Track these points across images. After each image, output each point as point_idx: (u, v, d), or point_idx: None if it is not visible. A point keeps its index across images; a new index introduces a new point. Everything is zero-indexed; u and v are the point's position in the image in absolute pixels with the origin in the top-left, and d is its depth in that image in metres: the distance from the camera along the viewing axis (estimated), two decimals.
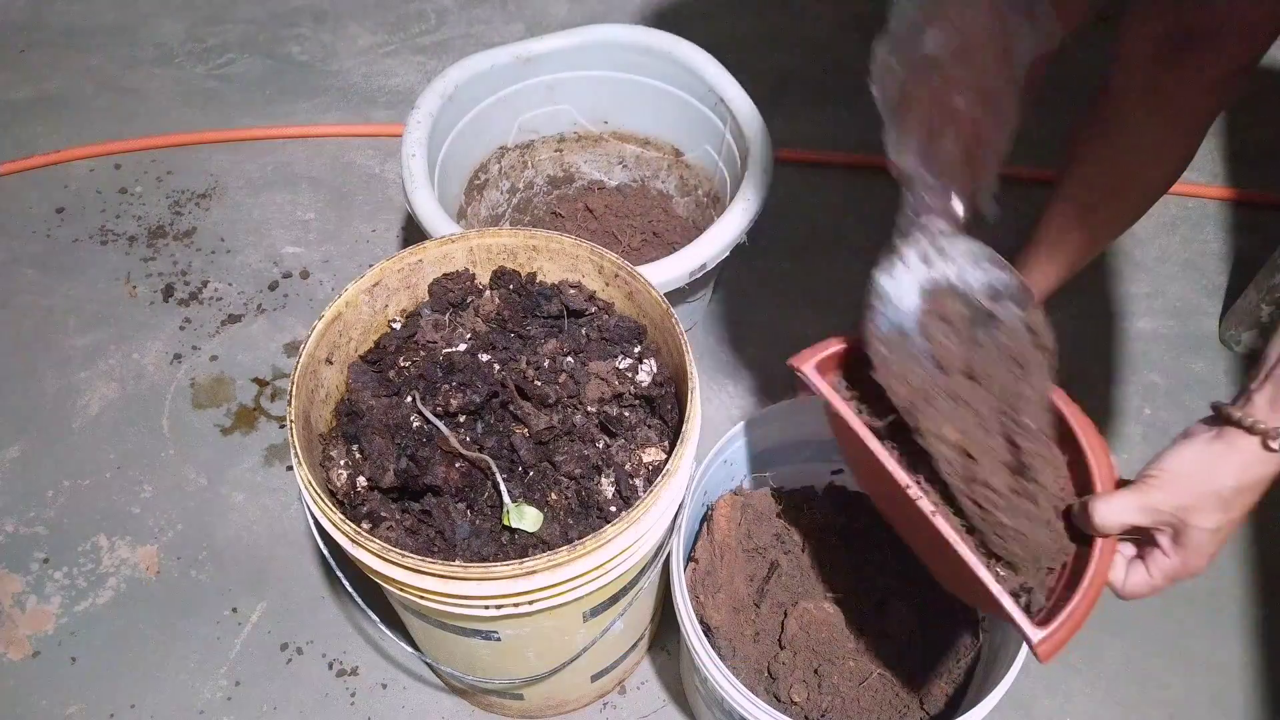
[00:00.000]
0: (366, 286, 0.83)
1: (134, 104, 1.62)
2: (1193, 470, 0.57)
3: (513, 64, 1.18)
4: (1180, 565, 0.59)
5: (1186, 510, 0.57)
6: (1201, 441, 0.58)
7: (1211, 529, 0.57)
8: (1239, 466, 0.56)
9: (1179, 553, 0.59)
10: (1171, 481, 0.58)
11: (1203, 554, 0.58)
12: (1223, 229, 1.47)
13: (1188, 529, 0.58)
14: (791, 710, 0.85)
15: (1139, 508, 0.59)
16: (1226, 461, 0.56)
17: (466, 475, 0.78)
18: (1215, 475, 0.57)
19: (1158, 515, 0.59)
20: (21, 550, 1.13)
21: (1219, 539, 0.58)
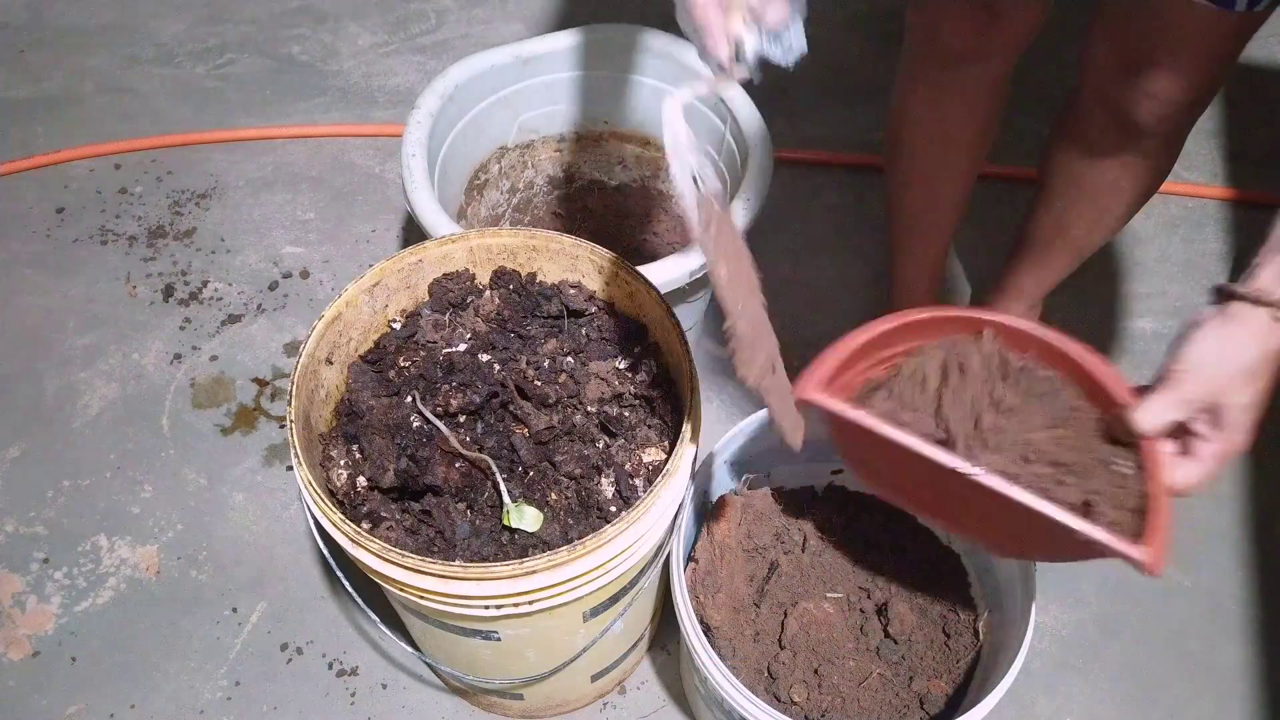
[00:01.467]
0: (366, 286, 0.83)
1: (134, 104, 1.62)
2: (1214, 356, 0.59)
3: (513, 64, 1.18)
4: (1226, 445, 0.61)
5: (1219, 393, 0.59)
6: (1214, 326, 0.59)
7: (1246, 404, 0.59)
8: (1256, 340, 0.58)
9: (1221, 435, 0.60)
10: (1197, 371, 0.59)
11: (1243, 429, 0.60)
12: (1223, 229, 1.47)
13: (1224, 409, 0.59)
14: (791, 710, 0.85)
15: (1175, 403, 0.60)
16: (1242, 339, 0.58)
17: (466, 475, 0.78)
18: (1237, 354, 0.58)
19: (1194, 405, 0.60)
20: (21, 550, 1.13)
21: (1254, 411, 0.59)
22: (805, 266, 1.39)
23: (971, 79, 0.96)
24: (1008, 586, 0.85)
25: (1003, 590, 0.87)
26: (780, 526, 0.95)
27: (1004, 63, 0.95)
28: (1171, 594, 1.11)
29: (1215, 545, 1.14)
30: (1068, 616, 1.09)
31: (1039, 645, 1.07)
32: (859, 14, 1.77)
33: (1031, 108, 1.45)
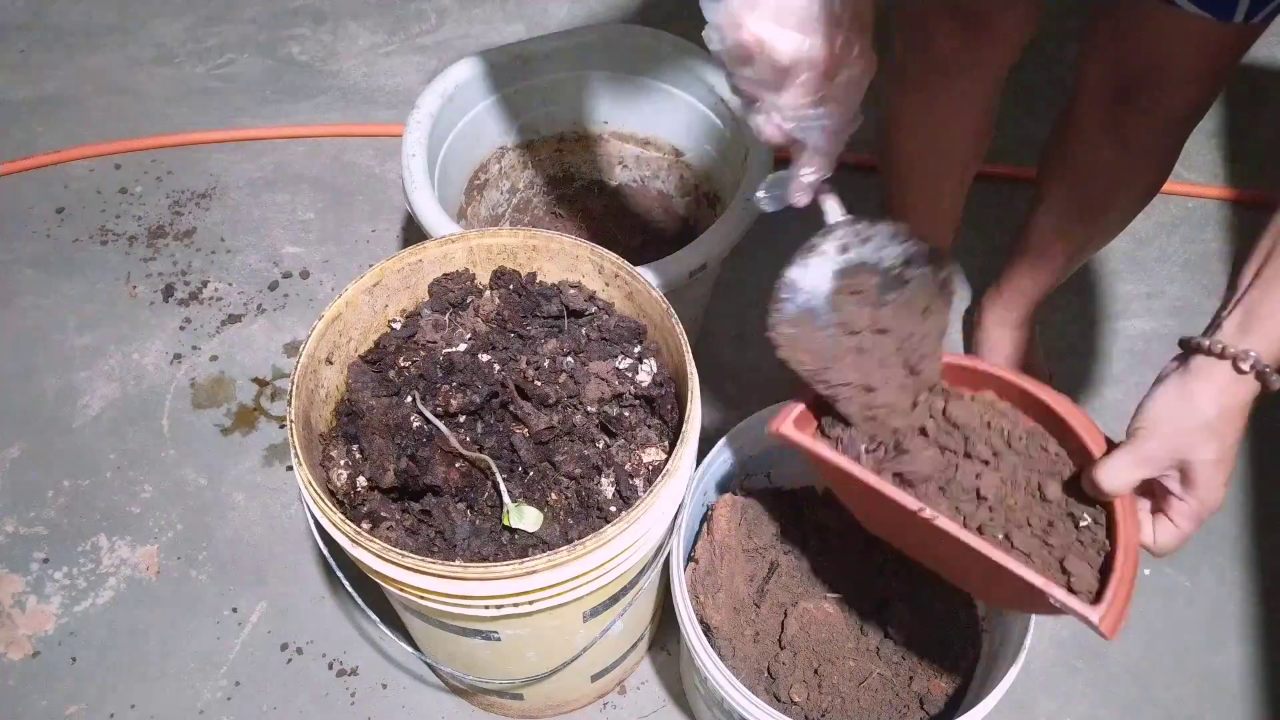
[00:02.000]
0: (366, 286, 0.83)
1: (134, 104, 1.62)
2: (1174, 410, 0.57)
3: (513, 64, 1.18)
4: (1199, 505, 0.59)
5: (1182, 450, 0.57)
6: (1175, 380, 0.58)
7: (1213, 460, 0.57)
8: (1216, 393, 0.56)
9: (1192, 493, 0.59)
10: (1157, 427, 0.58)
11: (1214, 487, 0.58)
12: (1223, 229, 1.47)
13: (1190, 467, 0.57)
14: (791, 710, 0.85)
15: (1136, 462, 0.59)
16: (1203, 392, 0.56)
17: (466, 475, 0.78)
18: (1196, 409, 0.56)
19: (1158, 464, 0.59)
20: (21, 550, 1.13)
21: (1224, 468, 0.58)
22: None
23: (961, 91, 0.96)
24: None
25: None
26: (780, 526, 0.95)
27: (995, 72, 0.95)
28: (1171, 594, 1.11)
29: (1215, 545, 1.14)
30: (1068, 616, 1.09)
31: (1039, 645, 1.07)
32: None
33: (1031, 108, 1.45)
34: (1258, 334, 0.55)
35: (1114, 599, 0.59)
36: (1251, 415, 0.58)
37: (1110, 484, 0.60)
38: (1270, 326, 0.54)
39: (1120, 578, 0.60)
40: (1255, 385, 0.56)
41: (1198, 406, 0.57)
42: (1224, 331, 0.56)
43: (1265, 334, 0.54)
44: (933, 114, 0.99)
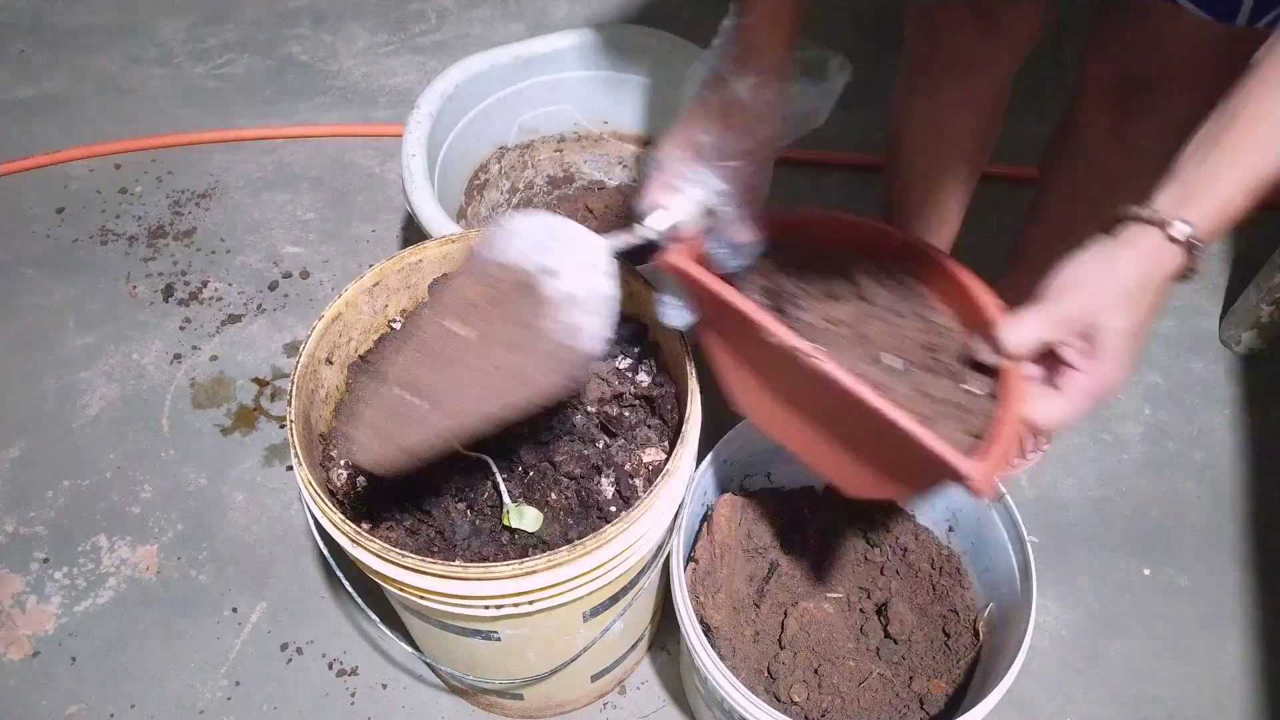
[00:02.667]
0: (366, 286, 0.83)
1: (134, 104, 1.62)
2: (1093, 273, 0.55)
3: (513, 64, 1.18)
4: (1098, 377, 0.56)
5: (1093, 314, 0.54)
6: (1099, 245, 0.56)
7: (1122, 329, 0.54)
8: (1141, 260, 0.54)
9: (1093, 364, 0.55)
10: (1073, 288, 0.55)
11: (1118, 361, 0.55)
12: None
13: (1098, 333, 0.54)
14: (791, 710, 0.85)
15: (1045, 321, 0.56)
16: (1127, 257, 0.54)
17: (466, 475, 0.78)
18: (1117, 272, 0.54)
19: (1066, 325, 0.55)
20: (21, 550, 1.13)
21: (1131, 342, 0.55)
22: None
23: (971, 90, 0.96)
24: (1007, 586, 0.86)
25: (1002, 590, 0.87)
26: (780, 526, 0.96)
27: (1004, 73, 0.95)
28: (1171, 594, 1.11)
29: (1215, 545, 1.14)
30: (1068, 616, 1.09)
31: (1039, 645, 1.07)
32: (859, 14, 1.77)
33: (1031, 108, 1.45)
34: (1193, 206, 0.53)
35: (987, 454, 0.55)
36: (1251, 415, 0.58)
37: (1014, 342, 0.57)
38: (1206, 200, 0.52)
39: (998, 437, 0.56)
40: (1180, 259, 0.54)
41: (1119, 271, 0.54)
42: (1158, 202, 0.54)
43: (1201, 207, 0.53)
44: (941, 114, 0.99)
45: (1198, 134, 0.54)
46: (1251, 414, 1.25)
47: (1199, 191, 0.53)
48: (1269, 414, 1.25)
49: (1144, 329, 0.55)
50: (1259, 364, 1.30)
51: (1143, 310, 0.54)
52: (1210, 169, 0.53)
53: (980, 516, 0.89)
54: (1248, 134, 0.51)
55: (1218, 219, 0.53)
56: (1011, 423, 0.57)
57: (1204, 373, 1.30)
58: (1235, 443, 1.23)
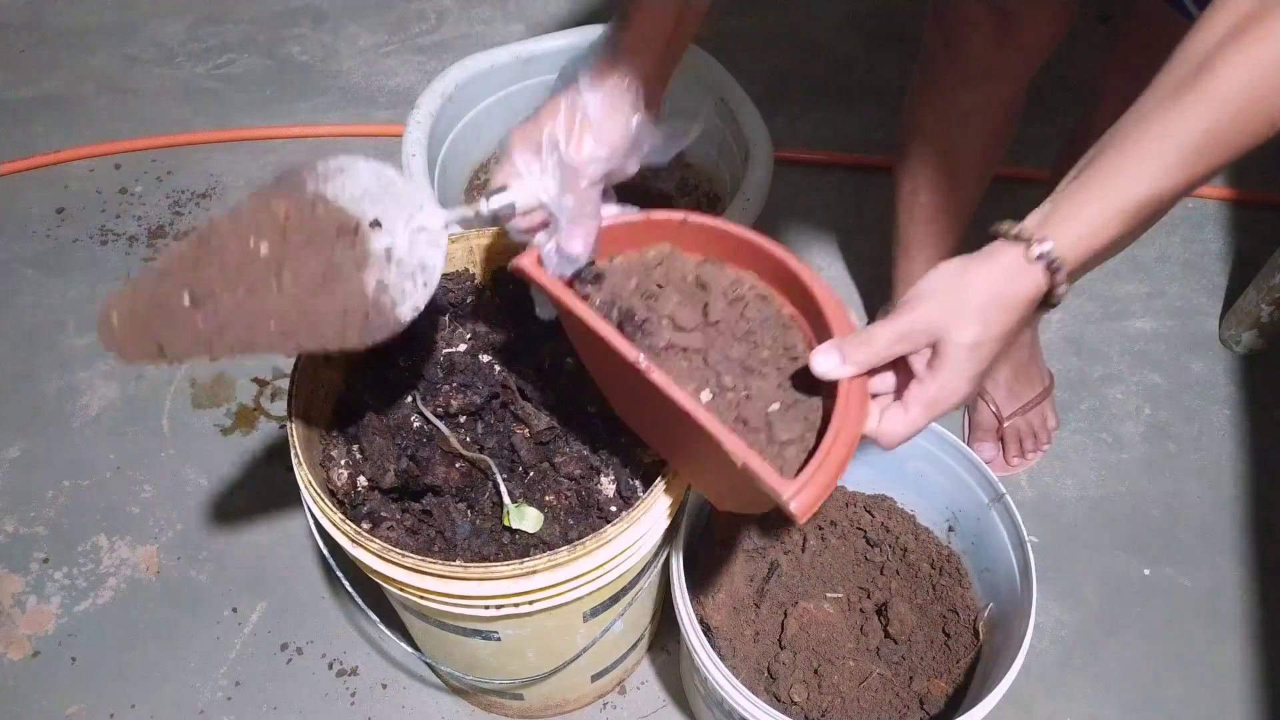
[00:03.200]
0: None
1: (134, 104, 1.62)
2: (948, 285, 0.53)
3: (513, 64, 1.18)
4: (938, 389, 0.54)
5: (939, 325, 0.53)
6: (960, 259, 0.54)
7: (968, 344, 0.52)
8: (998, 275, 0.52)
9: (935, 374, 0.54)
10: (925, 299, 0.54)
11: (960, 375, 0.53)
12: (1223, 229, 1.47)
13: (943, 345, 0.53)
14: (791, 710, 0.85)
15: (894, 335, 0.54)
16: (984, 272, 0.53)
17: (467, 475, 0.78)
18: (971, 286, 0.53)
19: (913, 336, 0.54)
20: (21, 550, 1.13)
21: (977, 359, 0.53)
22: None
23: (987, 96, 0.95)
24: (1007, 586, 0.86)
25: (1002, 590, 0.87)
26: (780, 526, 0.96)
27: (1019, 80, 0.94)
28: (1171, 594, 1.11)
29: (1215, 545, 1.14)
30: (1068, 616, 1.09)
31: (1039, 645, 1.07)
32: (859, 14, 1.77)
33: (1034, 109, 1.45)
34: (1057, 225, 0.52)
35: (810, 479, 0.52)
36: (1251, 415, 0.57)
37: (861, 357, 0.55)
38: (1072, 222, 0.51)
39: (821, 458, 0.53)
40: (1040, 281, 0.52)
41: (972, 284, 0.53)
42: (1027, 221, 0.53)
43: (1064, 227, 0.51)
44: (955, 120, 0.99)
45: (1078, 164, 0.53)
46: (1251, 414, 1.25)
47: (1067, 213, 0.52)
48: (1269, 414, 1.25)
49: (994, 345, 0.54)
50: (1259, 364, 1.30)
51: (995, 326, 0.53)
52: (1081, 192, 0.52)
53: (980, 516, 0.89)
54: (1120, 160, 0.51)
55: (1083, 243, 0.52)
56: (839, 444, 0.54)
57: (1204, 373, 1.30)
58: (1235, 443, 1.23)
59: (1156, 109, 0.51)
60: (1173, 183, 0.50)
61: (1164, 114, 0.50)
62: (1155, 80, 0.52)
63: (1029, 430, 1.19)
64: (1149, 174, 0.50)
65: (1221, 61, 0.48)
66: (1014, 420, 1.19)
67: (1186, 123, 0.49)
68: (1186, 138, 0.49)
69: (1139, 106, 0.52)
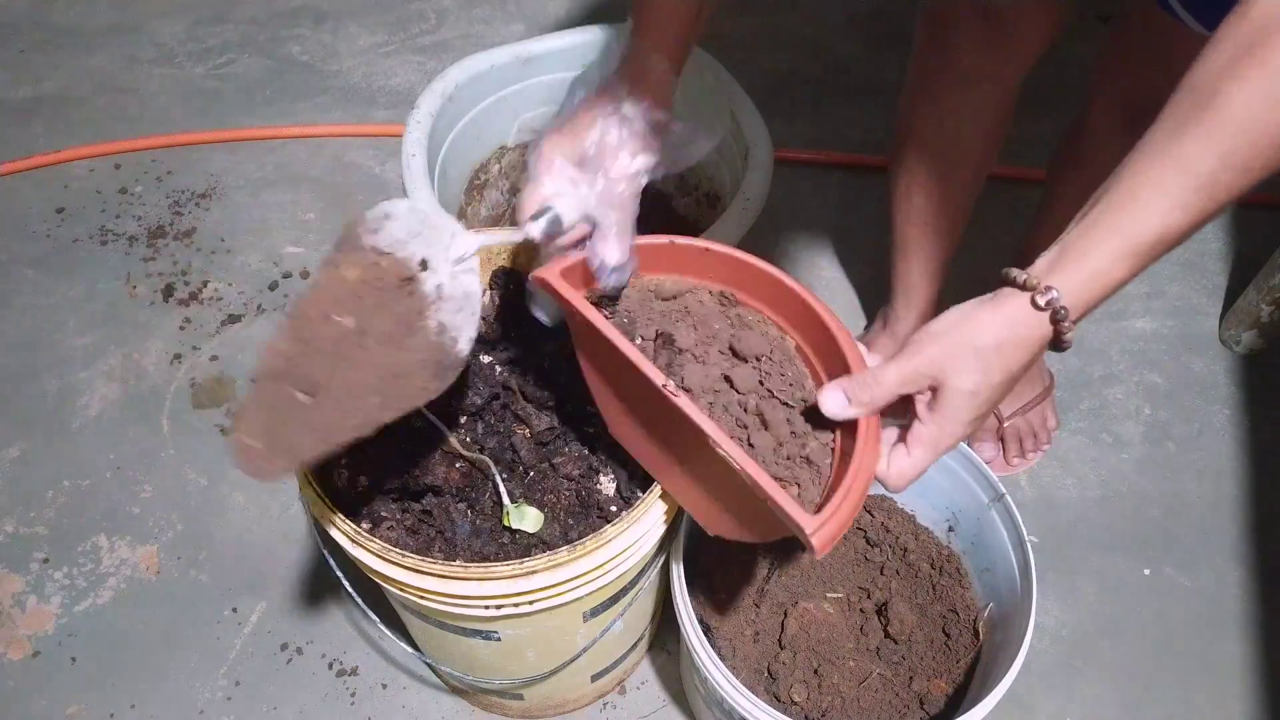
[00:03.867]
0: None
1: (134, 104, 1.62)
2: (953, 328, 0.54)
3: (513, 64, 1.18)
4: (936, 431, 0.55)
5: (942, 368, 0.54)
6: (970, 304, 0.55)
7: (968, 390, 0.53)
8: (1003, 322, 0.53)
9: (934, 417, 0.55)
10: (931, 341, 0.55)
11: (959, 420, 0.55)
12: (1223, 229, 1.47)
13: (943, 389, 0.54)
14: (791, 710, 0.85)
15: (899, 379, 0.55)
16: (989, 318, 0.53)
17: (467, 475, 0.78)
18: (975, 330, 0.53)
19: (916, 378, 0.55)
20: (21, 550, 1.13)
21: (976, 404, 0.54)
22: (805, 266, 1.39)
23: (978, 98, 0.96)
24: (1008, 586, 0.86)
25: (1002, 590, 0.87)
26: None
27: (1011, 82, 0.94)
28: (1171, 594, 1.11)
29: (1215, 545, 1.14)
30: (1068, 616, 1.09)
31: (1039, 645, 1.07)
32: (859, 14, 1.77)
33: (1031, 109, 1.45)
34: (1064, 272, 0.51)
35: (833, 515, 0.54)
36: (1251, 415, 0.57)
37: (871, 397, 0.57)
38: (1079, 266, 0.51)
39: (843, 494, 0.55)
40: (1047, 329, 0.52)
41: (977, 329, 0.53)
42: (1035, 266, 0.53)
43: (1071, 271, 0.51)
44: (947, 122, 0.99)
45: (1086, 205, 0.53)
46: (1251, 414, 1.25)
47: (1073, 260, 0.51)
48: (1269, 414, 1.25)
49: (995, 391, 0.54)
50: (1259, 364, 1.30)
51: (995, 374, 0.53)
52: (1089, 235, 0.51)
53: (980, 516, 0.89)
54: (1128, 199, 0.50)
55: (1090, 288, 0.51)
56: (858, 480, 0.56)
57: (1204, 373, 1.30)
58: (1235, 443, 1.23)
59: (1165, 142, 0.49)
60: (1185, 219, 0.49)
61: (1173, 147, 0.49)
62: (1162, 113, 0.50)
63: (1029, 430, 1.19)
64: (1159, 212, 0.49)
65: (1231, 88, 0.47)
66: (1014, 420, 1.19)
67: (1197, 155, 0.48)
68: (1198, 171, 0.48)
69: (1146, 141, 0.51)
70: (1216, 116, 0.47)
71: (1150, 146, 0.50)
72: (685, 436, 0.59)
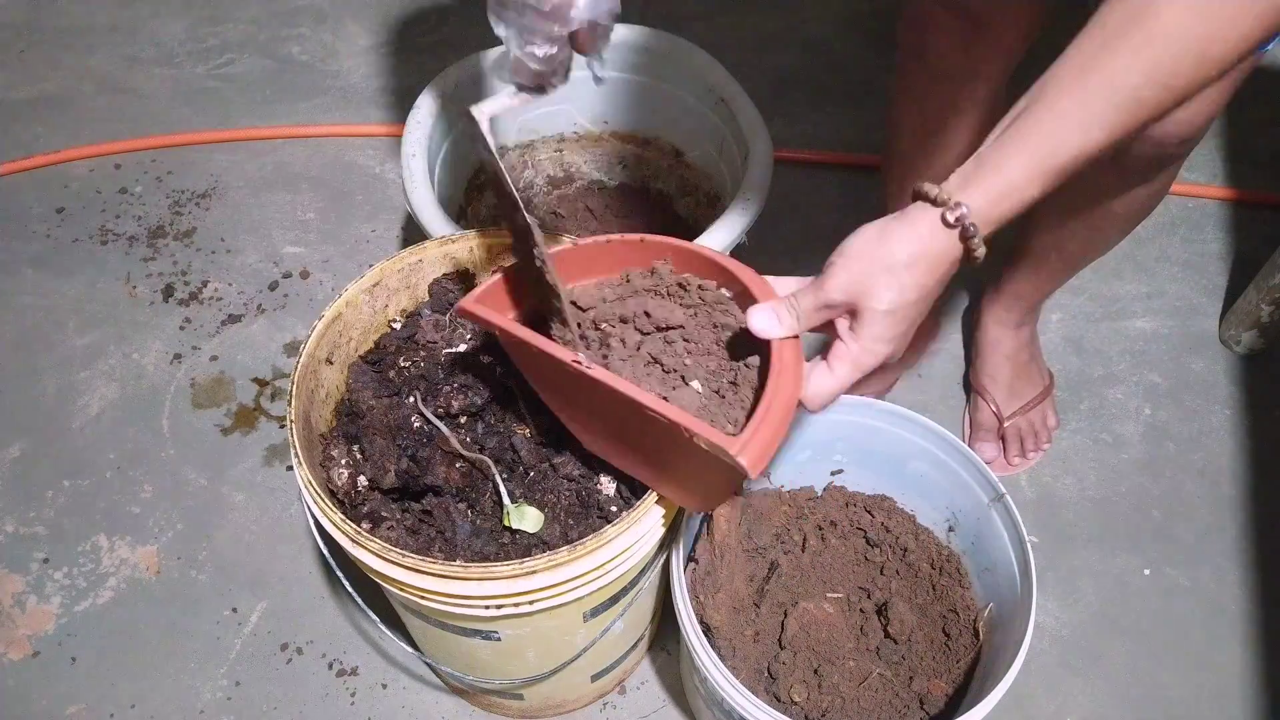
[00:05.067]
0: (366, 286, 0.83)
1: (134, 104, 1.62)
2: (864, 248, 0.54)
3: None
4: (859, 350, 0.55)
5: (858, 289, 0.54)
6: (882, 221, 0.55)
7: (884, 310, 0.54)
8: (914, 238, 0.53)
9: (855, 338, 0.55)
10: (845, 264, 0.55)
11: (876, 338, 0.55)
12: (1223, 229, 1.47)
13: (861, 310, 0.54)
14: (791, 710, 0.85)
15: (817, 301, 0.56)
16: (902, 234, 0.53)
17: (467, 475, 0.78)
18: (887, 248, 0.53)
19: (834, 299, 0.55)
20: (21, 550, 1.13)
21: (894, 321, 0.54)
22: (805, 266, 1.39)
23: (961, 97, 0.96)
24: (1007, 586, 0.86)
25: (1002, 589, 0.87)
26: (780, 526, 0.96)
27: (993, 80, 0.94)
28: (1171, 594, 1.11)
29: (1215, 545, 1.14)
30: (1068, 616, 1.09)
31: (1039, 645, 1.07)
32: (859, 14, 1.77)
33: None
34: (977, 187, 0.51)
35: (755, 432, 0.54)
36: (1251, 415, 0.57)
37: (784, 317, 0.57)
38: (991, 181, 0.51)
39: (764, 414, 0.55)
40: (957, 244, 0.52)
41: (889, 247, 0.53)
42: (948, 182, 0.53)
43: (984, 188, 0.51)
44: (931, 122, 0.99)
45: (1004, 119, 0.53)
46: (1251, 414, 1.25)
47: (985, 175, 0.51)
48: (1269, 414, 1.25)
49: (912, 308, 0.54)
50: (1259, 364, 1.30)
51: (911, 289, 0.53)
52: (999, 154, 0.51)
53: (980, 516, 0.89)
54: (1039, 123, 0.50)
55: (999, 204, 0.51)
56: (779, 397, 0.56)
57: (1204, 373, 1.30)
58: (1235, 443, 1.23)
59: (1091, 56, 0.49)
60: (1104, 135, 0.49)
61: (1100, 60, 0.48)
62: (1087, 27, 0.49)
63: (1029, 430, 1.19)
64: (1080, 127, 0.49)
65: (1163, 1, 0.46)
66: (1014, 420, 1.19)
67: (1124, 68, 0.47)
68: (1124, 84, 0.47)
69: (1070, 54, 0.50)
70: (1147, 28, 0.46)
71: (1075, 60, 0.49)
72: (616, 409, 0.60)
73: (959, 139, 1.00)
